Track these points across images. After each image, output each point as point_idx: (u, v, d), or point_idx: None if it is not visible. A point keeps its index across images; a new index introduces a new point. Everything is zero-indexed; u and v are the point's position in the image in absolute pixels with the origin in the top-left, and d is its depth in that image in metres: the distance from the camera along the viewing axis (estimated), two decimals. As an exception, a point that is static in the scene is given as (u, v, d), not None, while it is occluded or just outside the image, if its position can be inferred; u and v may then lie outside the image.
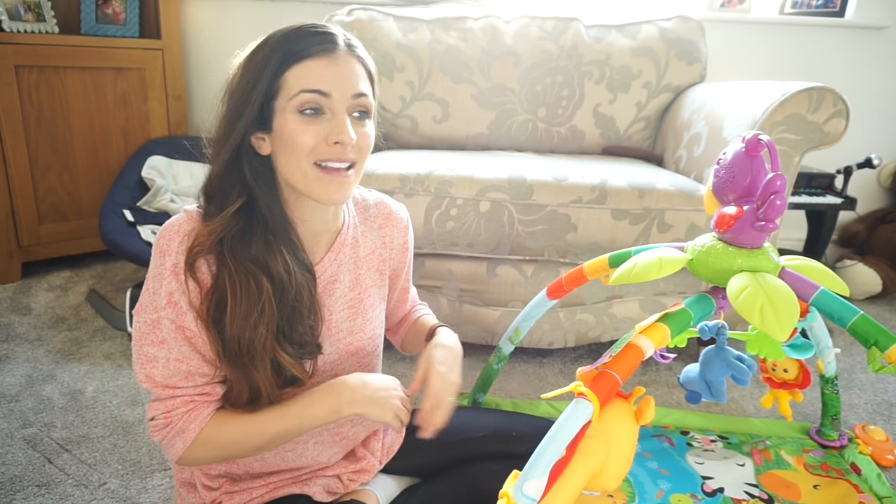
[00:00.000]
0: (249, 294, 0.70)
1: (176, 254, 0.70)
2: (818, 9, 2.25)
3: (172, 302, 0.70)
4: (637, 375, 1.51)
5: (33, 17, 1.83)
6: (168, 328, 0.71)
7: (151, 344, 0.71)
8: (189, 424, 0.72)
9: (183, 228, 0.71)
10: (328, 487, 0.86)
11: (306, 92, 0.68)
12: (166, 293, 0.70)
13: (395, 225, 0.90)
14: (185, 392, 0.72)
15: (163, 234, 0.71)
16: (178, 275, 0.70)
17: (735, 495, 1.08)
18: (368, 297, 0.86)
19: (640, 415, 0.68)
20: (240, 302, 0.69)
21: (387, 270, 0.90)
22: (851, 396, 1.46)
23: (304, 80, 0.68)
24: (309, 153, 0.69)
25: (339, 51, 0.70)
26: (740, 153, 0.73)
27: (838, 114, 1.32)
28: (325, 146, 0.69)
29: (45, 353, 1.50)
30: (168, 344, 0.71)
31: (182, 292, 0.70)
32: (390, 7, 1.93)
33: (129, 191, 1.85)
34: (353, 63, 0.71)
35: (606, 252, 1.04)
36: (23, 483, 1.06)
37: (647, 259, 0.76)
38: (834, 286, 0.75)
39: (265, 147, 0.73)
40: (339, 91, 0.69)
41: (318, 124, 0.69)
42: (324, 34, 0.70)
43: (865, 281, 2.04)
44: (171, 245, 0.70)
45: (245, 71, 0.71)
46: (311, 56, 0.69)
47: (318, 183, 0.71)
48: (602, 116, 1.89)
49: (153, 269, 0.71)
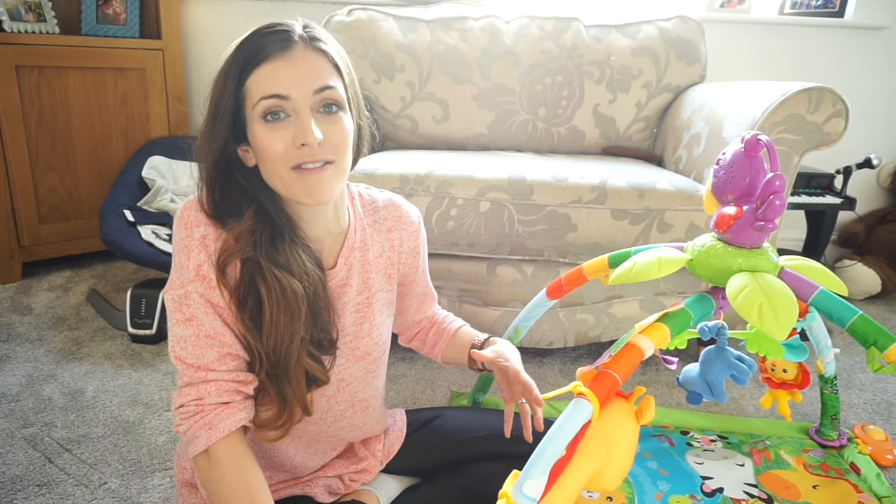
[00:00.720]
0: (288, 302, 0.68)
1: (205, 225, 0.68)
2: (817, 9, 2.25)
3: (201, 275, 0.68)
4: (637, 375, 1.52)
5: (34, 18, 1.83)
6: (197, 302, 0.68)
7: (179, 322, 0.68)
8: (220, 421, 0.68)
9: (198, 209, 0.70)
10: (330, 488, 0.87)
11: (264, 98, 0.66)
12: (194, 265, 0.68)
13: (406, 227, 0.87)
14: (220, 376, 0.69)
15: (186, 207, 0.70)
16: (206, 246, 0.68)
17: (734, 495, 1.08)
18: (377, 301, 0.84)
19: (640, 414, 0.69)
20: (279, 309, 0.68)
21: (395, 274, 0.88)
22: (851, 396, 1.46)
23: (262, 86, 0.66)
24: (282, 159, 0.67)
25: (294, 48, 0.67)
26: (740, 153, 0.73)
27: (838, 114, 1.32)
28: (294, 150, 0.67)
29: (45, 352, 1.50)
30: (197, 319, 0.68)
31: (211, 265, 0.68)
32: (390, 7, 1.94)
33: (129, 191, 1.85)
34: (311, 57, 0.68)
35: (606, 252, 1.05)
36: (23, 483, 1.06)
37: (647, 259, 0.76)
38: (833, 286, 0.75)
39: (250, 159, 0.71)
40: (298, 90, 0.66)
41: (283, 129, 0.67)
42: (277, 33, 0.68)
43: (865, 281, 2.04)
44: (199, 216, 0.68)
45: (215, 83, 0.70)
46: (266, 59, 0.66)
47: (297, 186, 0.68)
48: (602, 116, 1.90)
49: (179, 242, 0.69)
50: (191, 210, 0.70)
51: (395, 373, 1.47)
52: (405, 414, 1.00)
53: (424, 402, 1.37)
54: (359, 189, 0.86)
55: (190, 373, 0.69)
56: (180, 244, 0.69)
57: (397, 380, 1.44)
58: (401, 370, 1.49)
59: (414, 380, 1.46)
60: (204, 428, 0.68)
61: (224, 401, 0.69)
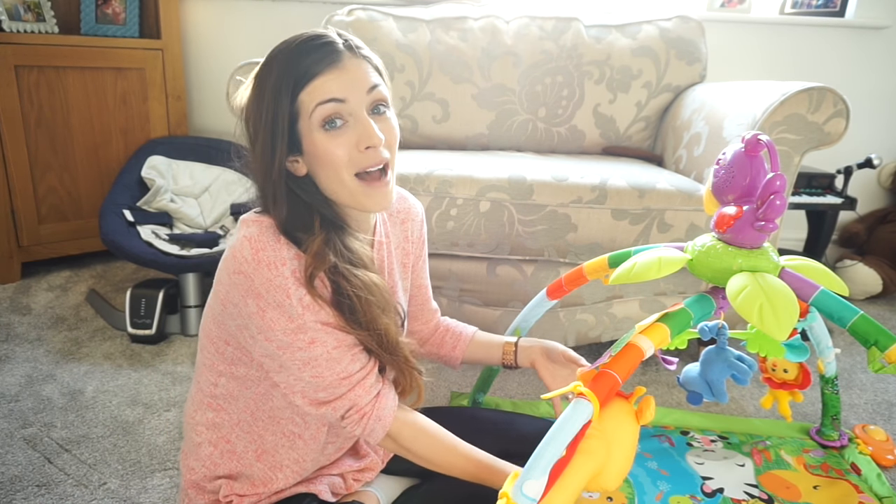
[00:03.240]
0: (373, 294, 0.72)
1: (289, 259, 0.68)
2: (818, 9, 2.25)
3: (305, 304, 0.69)
4: (637, 375, 1.51)
5: (33, 17, 1.83)
6: (314, 327, 0.70)
7: (302, 349, 0.70)
8: (383, 411, 0.74)
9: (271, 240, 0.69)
10: (333, 487, 0.87)
11: (322, 104, 0.68)
12: (297, 299, 0.68)
13: (414, 218, 0.94)
14: (360, 378, 0.73)
15: (258, 248, 0.67)
16: (299, 280, 0.68)
17: (735, 495, 1.08)
18: (399, 290, 0.89)
19: (640, 415, 0.68)
20: (368, 304, 0.71)
21: (409, 264, 0.94)
22: (851, 396, 1.45)
23: (318, 94, 0.69)
24: (347, 165, 0.70)
25: (343, 58, 0.70)
26: (740, 153, 0.73)
27: (838, 114, 1.32)
28: (358, 154, 0.70)
29: (45, 353, 1.50)
30: (320, 339, 0.70)
31: (312, 294, 0.69)
32: (390, 7, 1.93)
33: (129, 191, 1.85)
34: (359, 63, 0.72)
35: (606, 252, 1.04)
36: (23, 483, 1.06)
37: (647, 259, 0.76)
38: (834, 286, 0.75)
39: (300, 168, 0.73)
40: (354, 93, 0.70)
41: (344, 135, 0.70)
42: (324, 45, 0.70)
43: (865, 281, 2.04)
44: (280, 253, 0.68)
45: (259, 102, 0.70)
46: (318, 74, 0.69)
47: (363, 195, 0.72)
48: (602, 116, 1.89)
49: (267, 284, 0.67)
50: (266, 247, 0.68)
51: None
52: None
53: (424, 402, 1.37)
54: None
55: (335, 387, 0.72)
56: (269, 285, 0.67)
57: (397, 380, 1.44)
58: (401, 370, 1.48)
59: (414, 380, 1.45)
60: (376, 423, 0.74)
61: (374, 394, 0.74)
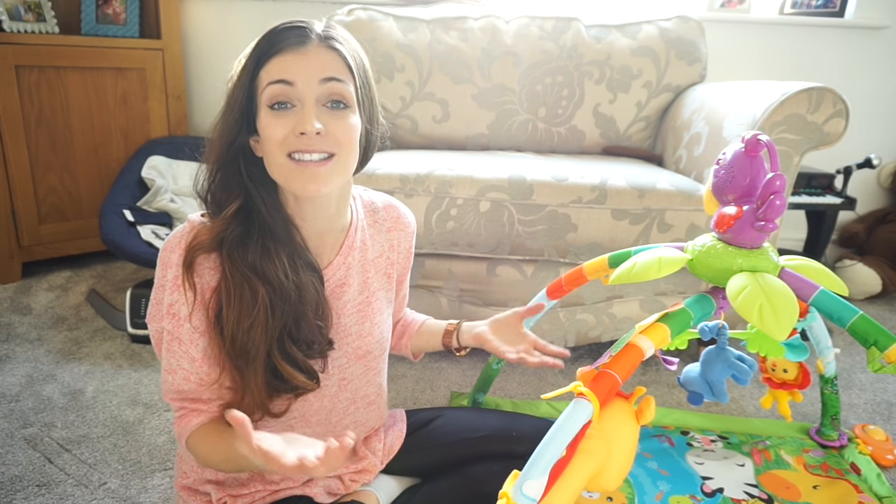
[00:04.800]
0: (243, 301, 0.70)
1: (176, 266, 0.71)
2: (818, 9, 2.25)
3: (171, 313, 0.71)
4: (637, 375, 1.51)
5: (33, 17, 1.82)
6: (167, 339, 0.73)
7: (165, 352, 0.74)
8: (183, 430, 0.75)
9: (184, 241, 0.71)
10: (329, 488, 0.86)
11: (271, 84, 0.68)
12: (167, 304, 0.71)
13: (403, 229, 0.91)
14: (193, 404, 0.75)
15: (166, 246, 0.72)
16: (178, 286, 0.71)
17: (735, 495, 1.08)
18: (376, 300, 0.86)
19: (640, 415, 0.68)
20: (234, 308, 0.70)
21: (394, 274, 0.90)
22: (851, 396, 1.46)
23: (272, 73, 0.68)
24: (280, 145, 0.69)
25: (308, 44, 0.69)
26: (740, 153, 0.73)
27: (838, 114, 1.32)
28: (293, 138, 0.68)
29: (45, 353, 1.50)
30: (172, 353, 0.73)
31: (182, 304, 0.71)
32: (390, 7, 1.93)
33: (129, 191, 1.85)
34: (324, 53, 0.70)
35: (606, 252, 1.04)
36: (23, 483, 1.06)
37: (647, 259, 0.76)
38: (833, 286, 0.75)
39: (259, 149, 0.73)
40: (304, 78, 0.68)
41: (286, 117, 0.68)
42: (294, 29, 0.70)
43: (865, 281, 2.04)
44: (173, 258, 0.71)
45: (232, 77, 0.72)
46: (279, 52, 0.68)
47: (291, 175, 0.70)
48: (602, 116, 1.89)
49: (156, 280, 0.73)
50: (169, 247, 0.72)
51: (395, 373, 1.47)
52: (405, 414, 1.00)
53: (424, 402, 1.37)
54: (359, 191, 0.88)
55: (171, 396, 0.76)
56: (157, 282, 0.73)
57: (397, 380, 1.44)
58: (401, 370, 1.49)
59: (414, 380, 1.45)
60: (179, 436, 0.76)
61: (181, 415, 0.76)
